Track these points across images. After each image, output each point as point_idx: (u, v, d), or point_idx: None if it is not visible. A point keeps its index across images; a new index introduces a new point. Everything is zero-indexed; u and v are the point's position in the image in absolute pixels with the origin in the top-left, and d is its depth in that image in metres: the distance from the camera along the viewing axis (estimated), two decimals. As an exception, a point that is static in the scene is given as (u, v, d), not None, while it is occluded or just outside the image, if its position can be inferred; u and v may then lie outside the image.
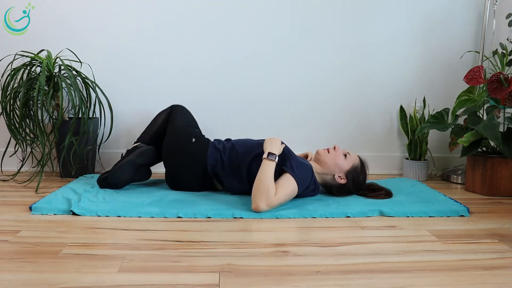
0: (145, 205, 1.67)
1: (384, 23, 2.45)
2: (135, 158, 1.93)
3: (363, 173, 1.91)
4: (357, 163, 1.89)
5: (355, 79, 2.48)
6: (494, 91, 1.93)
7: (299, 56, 2.43)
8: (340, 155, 1.87)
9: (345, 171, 1.87)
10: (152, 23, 2.35)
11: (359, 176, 1.89)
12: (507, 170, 2.03)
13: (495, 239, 1.41)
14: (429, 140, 2.44)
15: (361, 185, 1.91)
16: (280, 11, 2.39)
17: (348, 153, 1.89)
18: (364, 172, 1.92)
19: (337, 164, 1.86)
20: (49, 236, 1.34)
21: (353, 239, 1.38)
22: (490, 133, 1.86)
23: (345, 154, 1.88)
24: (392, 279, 1.08)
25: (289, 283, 1.05)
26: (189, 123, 2.04)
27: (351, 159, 1.88)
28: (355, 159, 1.89)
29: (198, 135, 1.98)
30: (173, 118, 2.04)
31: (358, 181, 1.89)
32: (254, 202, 1.62)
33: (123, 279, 1.04)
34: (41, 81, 1.96)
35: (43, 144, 1.99)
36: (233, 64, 2.41)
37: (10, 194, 1.86)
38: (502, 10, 2.39)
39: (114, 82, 2.35)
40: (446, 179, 2.43)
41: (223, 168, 1.86)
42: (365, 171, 1.92)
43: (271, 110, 2.46)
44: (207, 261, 1.17)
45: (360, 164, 1.90)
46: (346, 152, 1.89)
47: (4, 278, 1.04)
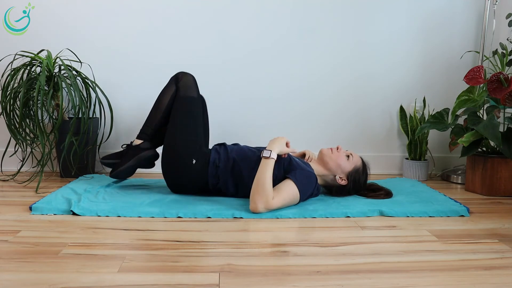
0: (145, 205, 1.67)
1: (384, 23, 2.45)
2: (137, 163, 1.91)
3: (364, 174, 1.90)
4: (359, 165, 1.88)
5: (355, 79, 2.48)
6: (494, 91, 1.93)
7: (299, 55, 2.43)
8: (343, 156, 1.86)
9: (347, 172, 1.86)
10: (152, 23, 2.35)
11: (360, 177, 1.88)
12: (507, 170, 2.03)
13: (495, 239, 1.41)
14: (429, 140, 2.44)
15: (361, 187, 1.91)
16: (280, 10, 2.39)
17: (351, 154, 1.88)
18: (365, 173, 1.91)
19: (339, 165, 1.85)
20: (49, 236, 1.34)
21: (353, 239, 1.38)
22: (490, 133, 1.86)
23: (347, 155, 1.88)
24: (392, 279, 1.08)
25: (289, 283, 1.05)
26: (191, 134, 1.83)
27: (354, 160, 1.87)
28: (357, 161, 1.89)
29: (199, 154, 1.81)
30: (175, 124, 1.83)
31: (358, 182, 1.88)
32: (253, 203, 1.61)
33: (123, 279, 1.04)
34: (41, 81, 1.96)
35: (43, 144, 1.99)
36: (233, 64, 2.41)
37: (10, 194, 1.86)
38: (502, 10, 2.39)
39: (114, 82, 2.35)
40: (446, 179, 2.43)
41: (225, 184, 1.82)
42: (366, 172, 1.91)
43: (271, 109, 2.46)
44: (207, 261, 1.17)
45: (362, 165, 1.90)
46: (349, 153, 1.88)
47: (4, 278, 1.04)
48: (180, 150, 1.80)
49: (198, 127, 1.87)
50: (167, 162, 1.84)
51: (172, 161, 1.82)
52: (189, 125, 1.84)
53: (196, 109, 1.88)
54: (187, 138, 1.82)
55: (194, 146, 1.82)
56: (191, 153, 1.80)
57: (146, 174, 2.32)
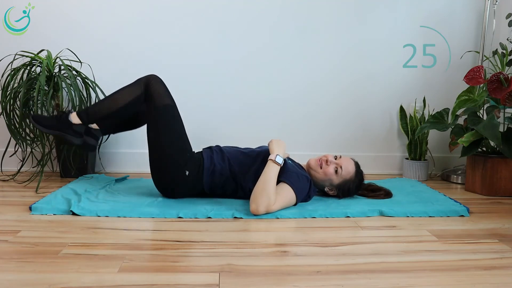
0: (145, 205, 1.67)
1: (384, 23, 2.45)
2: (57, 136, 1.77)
3: (355, 183, 1.83)
4: (350, 176, 1.80)
5: (355, 79, 2.48)
6: (494, 91, 1.93)
7: (298, 57, 2.43)
8: (331, 171, 1.77)
9: (335, 185, 1.82)
10: (152, 23, 2.35)
11: (350, 187, 1.83)
12: (507, 170, 2.03)
13: (495, 239, 1.41)
14: (429, 140, 2.44)
15: (351, 194, 1.87)
16: (279, 11, 2.39)
17: (340, 167, 1.77)
18: (357, 181, 1.84)
19: (327, 180, 1.81)
20: (49, 236, 1.34)
21: (353, 239, 1.38)
22: (490, 133, 1.86)
23: (336, 168, 1.78)
24: (392, 279, 1.08)
25: (289, 283, 1.05)
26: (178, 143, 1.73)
27: (343, 174, 1.78)
28: (348, 173, 1.79)
29: (191, 162, 1.74)
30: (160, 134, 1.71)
31: (348, 191, 1.84)
32: (255, 205, 1.58)
33: (123, 279, 1.04)
34: (41, 81, 1.96)
35: (43, 144, 1.99)
36: (232, 65, 2.41)
37: (10, 194, 1.85)
38: (502, 10, 2.39)
39: (114, 82, 2.35)
40: (446, 179, 2.43)
41: (222, 188, 1.80)
42: (359, 179, 1.84)
43: (271, 111, 2.46)
44: (207, 261, 1.17)
45: (355, 174, 1.82)
46: (339, 166, 1.78)
47: (4, 278, 1.04)
48: (171, 163, 1.71)
49: (184, 134, 1.77)
50: (159, 177, 1.76)
51: (164, 175, 1.74)
52: (175, 132, 1.73)
53: (176, 116, 1.76)
54: (176, 148, 1.72)
55: (184, 155, 1.73)
56: (183, 165, 1.72)
57: (146, 174, 2.32)
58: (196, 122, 2.35)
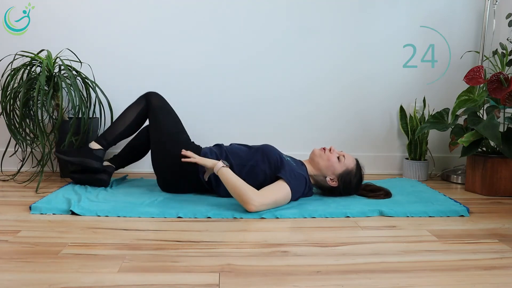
0: (145, 205, 1.67)
1: (384, 23, 2.45)
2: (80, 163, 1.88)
3: (356, 177, 1.86)
4: (352, 167, 1.84)
5: (355, 79, 2.48)
6: (494, 91, 1.93)
7: (298, 56, 2.43)
8: (334, 157, 1.83)
9: (337, 174, 1.83)
10: (152, 23, 2.35)
11: (352, 180, 1.85)
12: (507, 170, 2.03)
13: (495, 239, 1.41)
14: (429, 140, 2.44)
15: (352, 189, 1.88)
16: (279, 11, 2.39)
17: (343, 156, 1.84)
18: (358, 176, 1.87)
19: (330, 166, 1.82)
20: (49, 236, 1.34)
21: (353, 239, 1.38)
22: (490, 133, 1.86)
23: (339, 156, 1.84)
24: (392, 279, 1.08)
25: (289, 283, 1.05)
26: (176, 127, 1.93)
27: (346, 162, 1.83)
28: (350, 163, 1.85)
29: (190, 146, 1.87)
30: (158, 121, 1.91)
31: (349, 184, 1.85)
32: (245, 206, 1.60)
33: (123, 279, 1.04)
34: (41, 81, 1.96)
35: (43, 144, 1.99)
36: (232, 65, 2.40)
37: (10, 194, 1.85)
38: (502, 10, 2.39)
39: (114, 82, 2.35)
40: (446, 179, 2.43)
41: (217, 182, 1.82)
42: (360, 174, 1.88)
43: (271, 111, 2.45)
44: (207, 261, 1.17)
45: (356, 168, 1.86)
46: (342, 155, 1.85)
47: (4, 278, 1.04)
48: (170, 144, 1.85)
49: (179, 122, 1.95)
50: (158, 161, 1.88)
51: (165, 168, 1.86)
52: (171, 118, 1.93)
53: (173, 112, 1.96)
54: (173, 131, 1.90)
55: (182, 137, 1.90)
56: (182, 147, 1.82)
57: (146, 174, 2.32)
58: (197, 121, 2.35)
